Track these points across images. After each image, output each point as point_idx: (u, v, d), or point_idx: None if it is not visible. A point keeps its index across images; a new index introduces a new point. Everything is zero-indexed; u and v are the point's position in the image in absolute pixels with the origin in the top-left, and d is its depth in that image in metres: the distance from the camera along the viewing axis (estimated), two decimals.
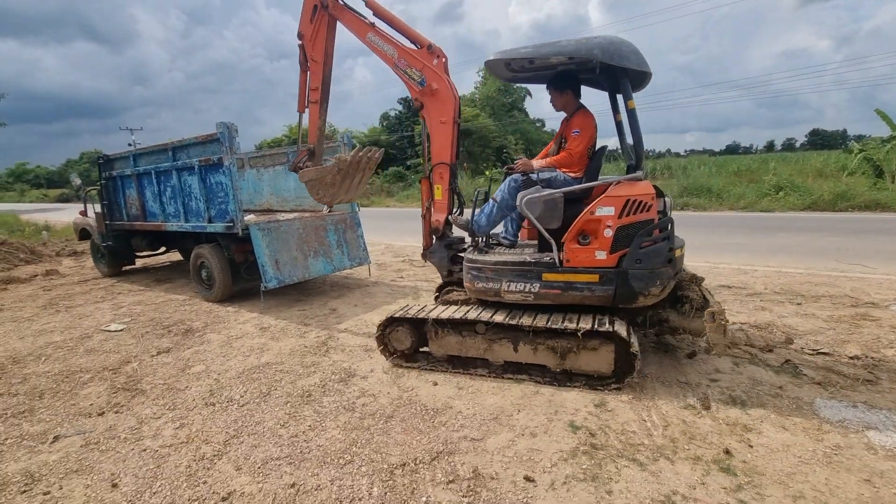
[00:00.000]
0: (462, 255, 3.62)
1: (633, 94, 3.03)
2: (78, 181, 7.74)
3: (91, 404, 3.13)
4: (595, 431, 2.51)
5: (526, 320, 3.02)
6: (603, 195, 2.95)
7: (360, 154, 4.03)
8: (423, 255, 3.88)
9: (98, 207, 7.09)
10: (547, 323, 2.95)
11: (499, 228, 3.71)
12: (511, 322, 3.02)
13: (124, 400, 3.18)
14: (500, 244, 3.70)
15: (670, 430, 2.49)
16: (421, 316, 3.29)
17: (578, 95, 3.44)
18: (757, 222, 10.21)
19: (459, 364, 3.33)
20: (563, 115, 3.55)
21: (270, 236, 5.10)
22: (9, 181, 62.39)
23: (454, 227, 3.74)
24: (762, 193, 13.35)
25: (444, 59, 3.48)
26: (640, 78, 3.15)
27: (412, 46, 3.58)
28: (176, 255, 8.32)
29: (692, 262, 6.42)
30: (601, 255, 2.94)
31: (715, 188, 14.36)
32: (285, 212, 6.71)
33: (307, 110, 4.13)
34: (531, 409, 2.77)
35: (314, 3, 3.82)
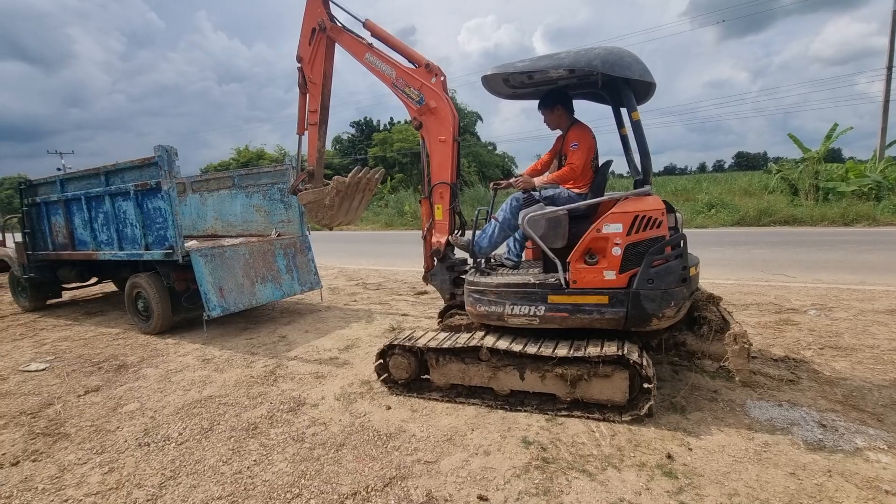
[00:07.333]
0: (464, 277, 3.41)
1: (638, 106, 2.88)
2: None
3: (3, 454, 2.81)
4: (546, 445, 2.54)
5: (532, 348, 2.84)
6: (610, 211, 2.79)
7: (360, 175, 3.94)
8: (425, 278, 3.73)
9: (19, 237, 6.53)
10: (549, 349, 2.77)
11: (502, 249, 3.54)
12: (515, 349, 2.85)
13: (44, 446, 2.89)
14: (503, 265, 3.50)
15: (617, 439, 2.57)
16: (418, 344, 3.13)
17: (571, 111, 3.34)
18: (693, 238, 10.89)
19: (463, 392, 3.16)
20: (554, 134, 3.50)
21: (214, 263, 4.88)
22: None
23: (456, 248, 3.59)
24: (696, 211, 14.35)
25: (442, 78, 3.42)
26: (644, 89, 2.99)
27: (410, 66, 3.52)
28: (110, 286, 7.78)
29: None
30: (610, 275, 2.75)
31: None
32: (231, 237, 6.47)
33: (306, 133, 4.06)
34: (485, 427, 2.78)
35: (312, 26, 3.80)
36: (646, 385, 2.63)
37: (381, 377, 3.34)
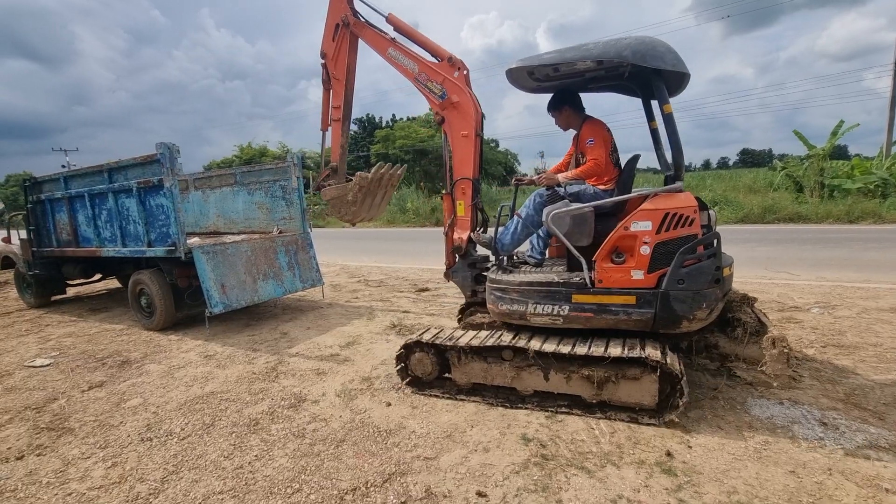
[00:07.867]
0: (486, 274, 3.36)
1: (670, 98, 2.75)
2: (0, 205, 7.17)
3: (8, 448, 2.85)
4: (546, 442, 2.55)
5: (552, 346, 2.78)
6: (638, 209, 2.69)
7: (383, 171, 3.94)
8: (446, 275, 3.70)
9: (23, 233, 6.58)
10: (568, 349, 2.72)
11: (525, 246, 3.51)
12: (541, 349, 2.78)
13: (48, 441, 2.92)
14: (525, 263, 3.45)
15: (616, 437, 2.57)
16: (441, 342, 3.07)
17: (580, 108, 3.32)
18: None
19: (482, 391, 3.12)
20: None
21: (216, 259, 4.90)
22: None
23: (478, 245, 3.56)
24: None
25: (465, 72, 3.37)
26: (676, 80, 2.86)
27: (432, 60, 3.49)
28: (113, 283, 7.82)
29: None
30: (638, 275, 2.66)
31: None
32: (233, 234, 6.49)
33: (330, 129, 4.06)
34: (484, 424, 2.79)
35: (336, 21, 3.79)
36: (679, 401, 2.57)
37: (406, 381, 3.30)
